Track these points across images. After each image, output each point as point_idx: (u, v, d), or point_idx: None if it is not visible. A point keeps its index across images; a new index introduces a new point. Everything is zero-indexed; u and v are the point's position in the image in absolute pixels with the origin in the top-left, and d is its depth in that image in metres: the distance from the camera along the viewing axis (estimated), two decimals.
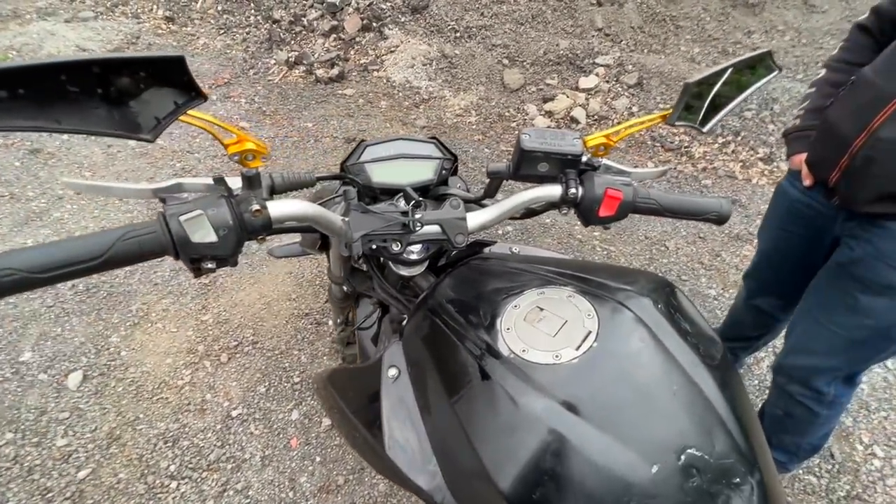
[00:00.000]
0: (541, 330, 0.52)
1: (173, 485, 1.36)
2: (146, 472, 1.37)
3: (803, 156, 1.03)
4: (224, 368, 1.64)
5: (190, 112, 0.42)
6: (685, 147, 2.82)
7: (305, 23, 3.63)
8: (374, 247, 0.55)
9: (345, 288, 0.94)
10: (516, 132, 2.93)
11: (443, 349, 0.59)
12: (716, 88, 0.63)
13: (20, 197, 2.23)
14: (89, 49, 3.43)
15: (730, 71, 0.65)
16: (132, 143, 2.60)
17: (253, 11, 3.80)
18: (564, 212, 0.62)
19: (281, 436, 1.48)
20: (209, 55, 3.53)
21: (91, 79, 0.34)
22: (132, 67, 0.36)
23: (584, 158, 0.60)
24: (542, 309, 0.55)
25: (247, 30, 3.73)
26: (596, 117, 2.99)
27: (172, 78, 0.39)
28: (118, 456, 1.40)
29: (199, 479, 1.37)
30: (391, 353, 0.66)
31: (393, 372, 0.64)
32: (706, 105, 0.64)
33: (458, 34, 3.54)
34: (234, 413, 1.52)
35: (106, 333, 1.70)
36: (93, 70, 0.34)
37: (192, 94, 0.41)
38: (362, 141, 0.71)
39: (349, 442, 0.75)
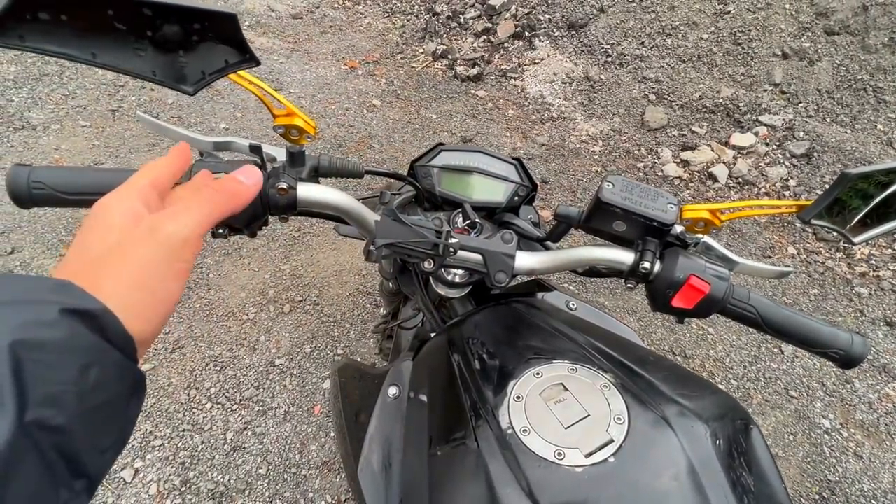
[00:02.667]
0: (554, 414, 0.43)
1: (208, 405, 1.48)
2: (191, 385, 1.51)
3: None
4: (283, 318, 1.74)
5: (242, 74, 0.41)
6: (844, 241, 2.33)
7: (461, 20, 3.72)
8: (398, 259, 0.50)
9: (391, 285, 0.91)
10: (640, 171, 2.68)
11: (445, 391, 0.52)
12: (888, 192, 0.46)
13: (184, 121, 2.62)
14: (277, 10, 3.91)
15: None
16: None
17: (418, 1, 4.00)
18: (631, 285, 0.51)
19: (308, 399, 1.53)
20: (369, 34, 3.80)
21: (140, 20, 0.34)
22: (184, 16, 0.35)
23: (676, 230, 0.48)
24: (565, 388, 0.45)
25: (408, 17, 3.95)
26: (740, 180, 2.62)
27: (225, 36, 0.38)
28: (176, 363, 1.56)
29: (229, 409, 1.48)
30: (398, 371, 0.61)
31: (393, 391, 0.59)
32: (866, 209, 0.47)
33: (608, 59, 3.36)
34: (277, 361, 1.61)
35: (204, 254, 1.91)
36: (143, 11, 0.34)
37: (246, 56, 0.40)
38: (440, 144, 0.66)
39: (336, 440, 0.72)
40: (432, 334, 0.78)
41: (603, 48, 3.40)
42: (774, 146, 2.74)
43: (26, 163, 0.38)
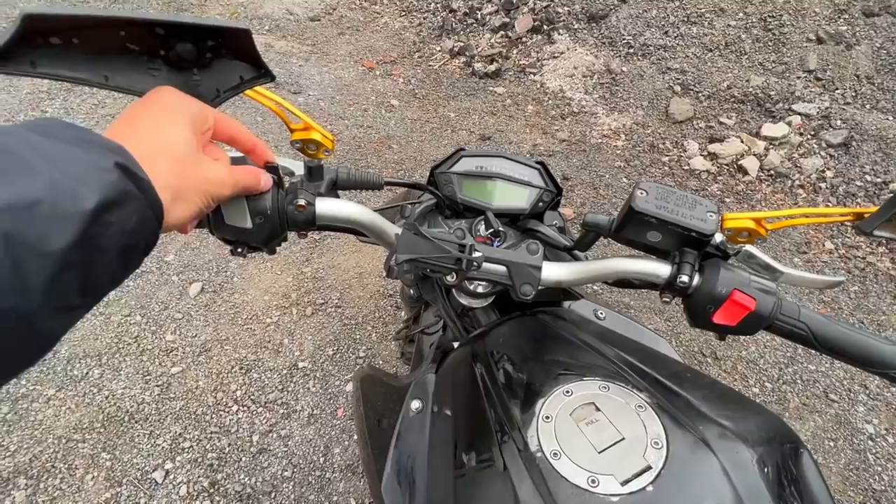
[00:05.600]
0: (587, 436, 0.41)
1: (234, 408, 1.50)
2: (218, 388, 1.54)
3: None
4: (306, 321, 1.76)
5: (258, 90, 0.40)
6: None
7: (479, 16, 3.68)
8: (423, 275, 0.49)
9: (412, 291, 0.90)
10: (665, 166, 2.60)
11: (470, 407, 0.50)
12: None
13: None
14: (295, 13, 3.95)
15: None
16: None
17: None
18: (667, 299, 0.48)
19: (332, 402, 1.53)
20: (386, 33, 3.80)
21: (153, 39, 0.33)
22: (197, 34, 0.34)
23: (715, 240, 0.45)
24: (597, 408, 0.43)
25: (425, 15, 3.93)
26: (772, 173, 2.51)
27: (239, 51, 0.37)
28: (203, 365, 1.60)
29: (254, 412, 1.50)
30: (421, 384, 0.59)
31: (416, 405, 0.58)
32: None
33: (631, 50, 3.26)
34: (300, 364, 1.62)
35: (228, 258, 1.94)
36: (156, 31, 0.33)
37: (261, 71, 0.39)
38: (460, 149, 0.64)
39: (360, 450, 0.72)
40: (454, 343, 0.77)
41: (625, 39, 3.31)
42: (809, 136, 2.62)
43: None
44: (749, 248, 0.46)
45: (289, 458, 1.40)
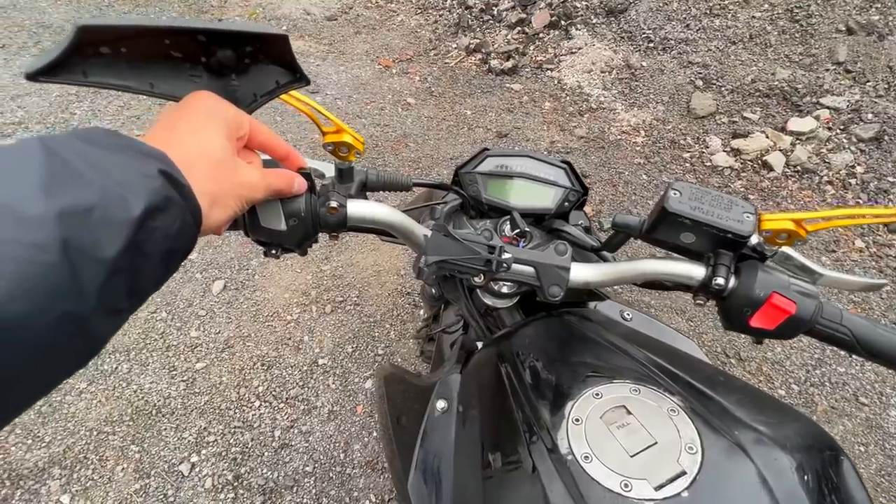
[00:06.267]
0: (618, 440, 0.41)
1: (256, 403, 1.53)
2: (241, 383, 1.57)
3: None
4: (325, 318, 1.78)
5: (293, 94, 0.40)
6: None
7: (495, 12, 3.66)
8: (447, 275, 0.49)
9: (433, 290, 0.90)
10: (686, 162, 2.55)
11: (497, 408, 0.50)
12: None
13: None
14: (313, 13, 3.99)
15: None
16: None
17: None
18: (700, 302, 0.47)
19: (351, 398, 1.55)
20: (402, 31, 3.80)
21: (195, 47, 0.34)
22: (237, 40, 0.35)
23: (752, 241, 0.44)
24: (629, 412, 0.42)
25: (440, 12, 3.92)
26: (798, 169, 2.44)
27: (276, 56, 0.37)
28: (227, 361, 1.63)
29: (276, 408, 1.52)
30: (446, 384, 0.60)
31: (441, 405, 0.58)
32: None
33: (651, 44, 3.20)
34: (320, 361, 1.64)
35: (249, 256, 1.98)
36: (198, 38, 0.34)
37: (297, 75, 0.39)
38: (485, 149, 0.64)
39: (384, 448, 0.72)
40: (478, 343, 0.77)
41: (644, 33, 3.25)
42: (838, 130, 2.54)
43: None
44: (786, 249, 0.45)
45: (310, 453, 1.42)
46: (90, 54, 0.31)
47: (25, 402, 0.24)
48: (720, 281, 0.43)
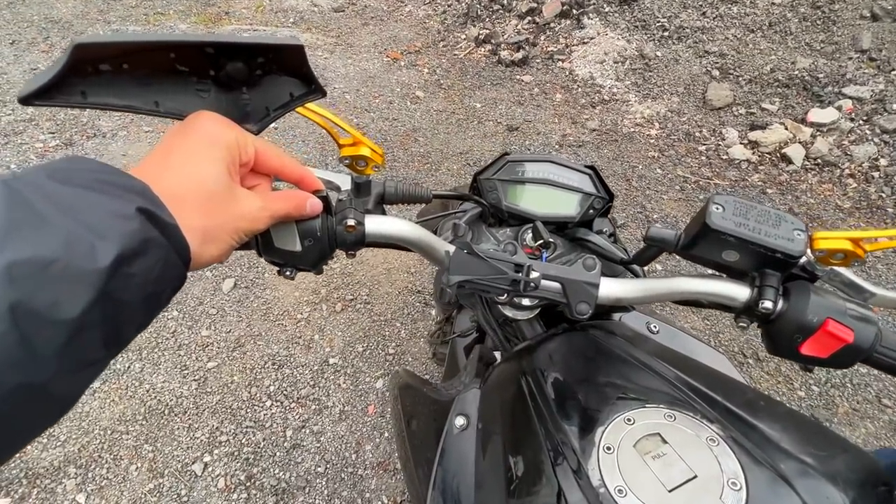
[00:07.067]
0: (654, 472, 0.38)
1: (268, 403, 1.53)
2: (252, 383, 1.57)
3: None
4: (336, 317, 1.77)
5: (309, 106, 0.38)
6: None
7: (505, 2, 3.58)
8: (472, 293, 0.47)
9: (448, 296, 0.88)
10: (702, 155, 2.48)
11: (519, 431, 0.48)
12: None
13: None
14: (320, 5, 3.93)
15: None
16: None
17: None
18: (744, 324, 0.44)
19: (362, 398, 1.54)
20: (410, 22, 3.74)
21: (203, 60, 0.32)
22: (248, 52, 0.32)
23: (802, 260, 0.41)
24: (664, 441, 0.40)
25: (449, 2, 3.85)
26: (819, 162, 2.37)
27: (290, 67, 0.35)
28: (238, 360, 1.63)
29: (287, 407, 1.52)
30: (465, 400, 0.57)
31: (461, 421, 0.56)
32: None
33: (665, 33, 3.12)
34: (331, 360, 1.64)
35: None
36: (206, 51, 0.31)
37: (312, 87, 0.37)
38: (505, 154, 0.61)
39: (400, 461, 0.71)
40: (496, 353, 0.74)
41: (659, 22, 3.16)
42: (861, 121, 2.46)
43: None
44: (839, 268, 0.41)
45: (321, 453, 1.42)
46: (89, 73, 0.28)
47: None
48: (767, 304, 0.40)
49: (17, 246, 0.20)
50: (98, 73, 0.29)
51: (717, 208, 0.40)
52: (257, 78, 0.34)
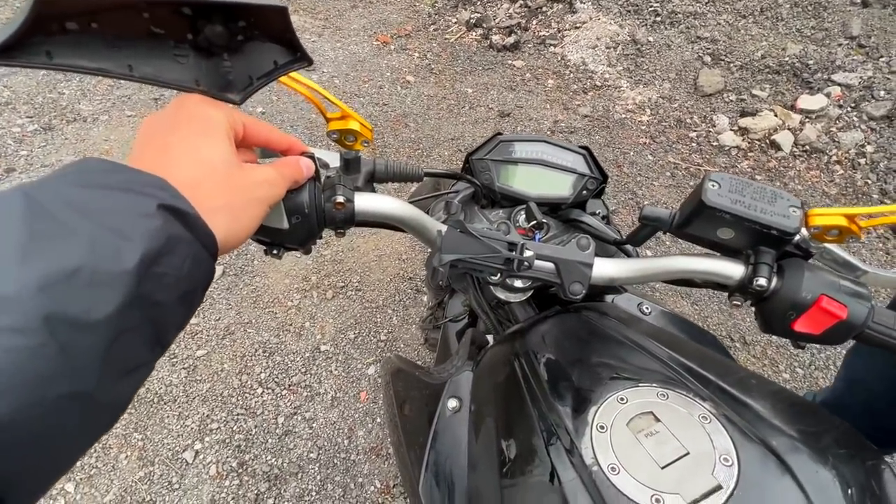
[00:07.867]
0: (646, 449, 0.38)
1: (259, 390, 1.52)
2: (243, 370, 1.56)
3: None
4: (327, 304, 1.75)
5: (293, 76, 0.36)
6: None
7: None
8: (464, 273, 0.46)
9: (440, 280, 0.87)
10: (693, 142, 2.49)
11: (513, 411, 0.48)
12: None
13: None
14: None
15: None
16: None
17: None
18: (737, 302, 0.44)
19: (354, 385, 1.54)
20: (400, 5, 3.67)
21: (180, 22, 0.30)
22: (227, 13, 0.31)
23: (796, 238, 0.41)
24: (657, 419, 0.40)
25: None
26: (807, 148, 2.39)
27: (274, 33, 0.33)
28: (228, 349, 1.61)
29: (279, 394, 1.51)
30: (457, 382, 0.57)
31: (453, 404, 0.56)
32: None
33: (657, 18, 3.10)
34: (322, 347, 1.63)
35: (248, 241, 1.94)
36: (182, 11, 0.29)
37: (297, 54, 0.35)
38: (498, 134, 0.60)
39: (392, 446, 0.71)
40: (488, 336, 0.74)
41: (651, 6, 3.14)
42: (849, 108, 2.47)
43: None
44: (831, 246, 0.41)
45: (314, 440, 1.42)
46: (54, 31, 0.26)
47: (40, 489, 0.21)
48: (762, 281, 0.40)
49: (44, 257, 0.20)
50: (65, 31, 0.27)
51: (714, 185, 0.40)
52: (239, 43, 0.33)
